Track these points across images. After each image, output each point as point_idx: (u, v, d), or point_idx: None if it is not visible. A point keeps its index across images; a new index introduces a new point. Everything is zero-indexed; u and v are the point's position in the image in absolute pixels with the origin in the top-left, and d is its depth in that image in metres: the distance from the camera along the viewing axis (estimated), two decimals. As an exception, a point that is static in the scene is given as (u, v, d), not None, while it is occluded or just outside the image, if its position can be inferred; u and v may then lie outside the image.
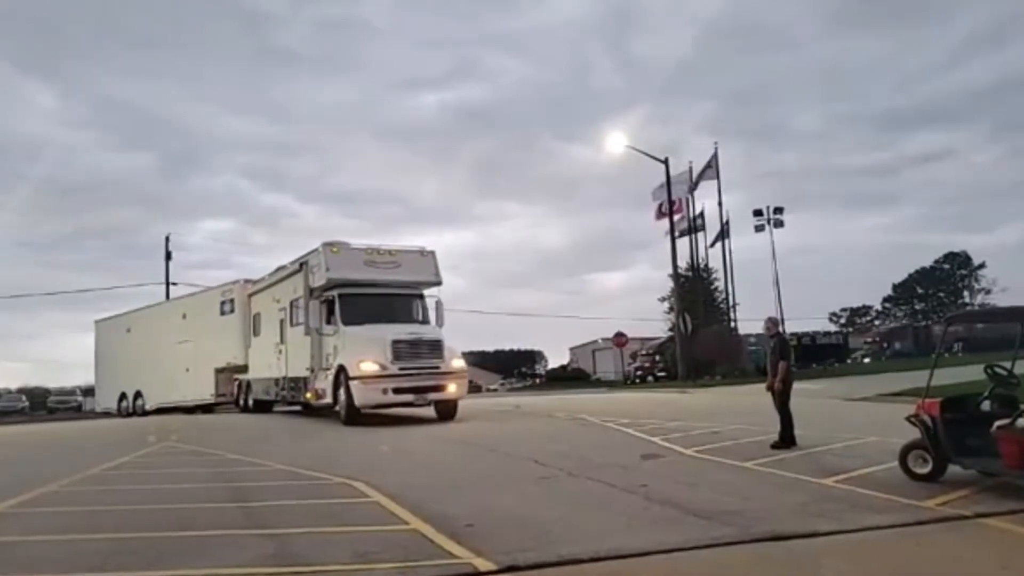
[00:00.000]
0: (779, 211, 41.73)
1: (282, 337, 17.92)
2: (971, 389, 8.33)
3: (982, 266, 77.80)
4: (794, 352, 13.51)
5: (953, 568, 4.75)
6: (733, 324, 40.43)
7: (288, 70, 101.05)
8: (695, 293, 39.46)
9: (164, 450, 11.86)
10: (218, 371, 21.43)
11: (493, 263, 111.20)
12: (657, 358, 42.37)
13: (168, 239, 39.16)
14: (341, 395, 14.83)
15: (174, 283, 37.72)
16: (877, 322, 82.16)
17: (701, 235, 41.25)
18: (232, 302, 21.11)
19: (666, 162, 34.72)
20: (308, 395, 16.42)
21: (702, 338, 35.01)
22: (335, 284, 15.68)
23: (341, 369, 14.76)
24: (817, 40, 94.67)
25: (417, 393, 14.58)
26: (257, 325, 19.82)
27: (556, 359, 72.16)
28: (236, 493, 7.51)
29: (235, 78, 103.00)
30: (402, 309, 16.23)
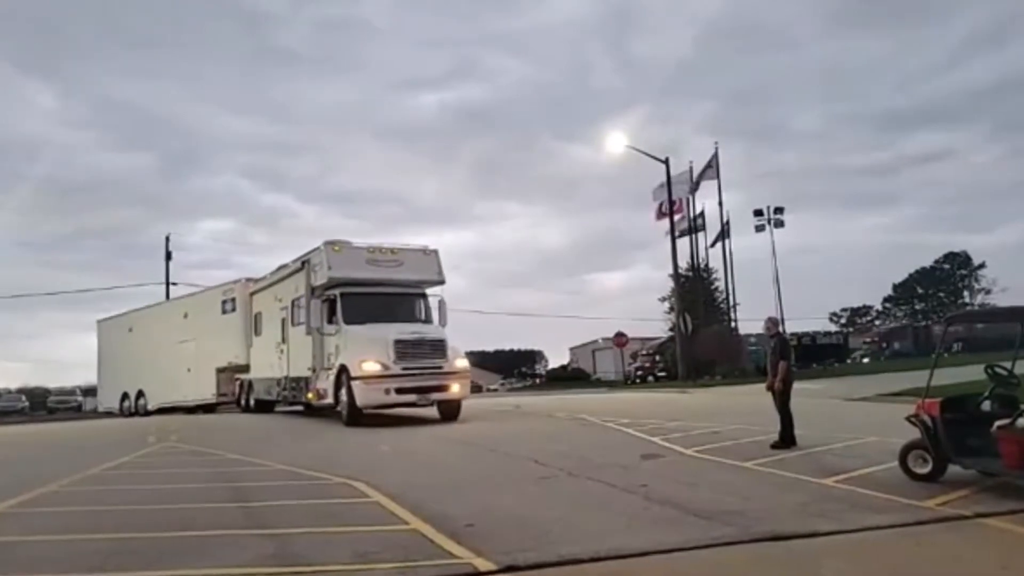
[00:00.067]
0: (779, 211, 41.87)
1: (284, 336, 17.82)
2: (971, 389, 8.33)
3: (982, 266, 77.95)
4: (794, 352, 13.48)
5: (953, 568, 4.75)
6: (733, 324, 40.51)
7: (288, 70, 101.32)
8: (695, 293, 39.51)
9: (164, 450, 11.86)
10: (219, 371, 21.35)
11: (493, 263, 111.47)
12: (657, 358, 42.39)
13: (168, 239, 39.27)
14: (343, 395, 14.71)
15: (174, 283, 37.85)
16: (877, 322, 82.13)
17: (701, 235, 41.42)
18: (233, 301, 21.00)
19: (666, 162, 34.74)
20: (310, 395, 16.33)
21: (702, 338, 35.02)
22: (337, 283, 15.56)
23: (343, 369, 14.66)
24: (817, 40, 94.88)
25: (420, 393, 14.46)
26: (258, 324, 19.74)
27: (556, 359, 72.42)
28: (236, 493, 7.51)
29: (235, 78, 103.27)
30: (404, 308, 16.12)
